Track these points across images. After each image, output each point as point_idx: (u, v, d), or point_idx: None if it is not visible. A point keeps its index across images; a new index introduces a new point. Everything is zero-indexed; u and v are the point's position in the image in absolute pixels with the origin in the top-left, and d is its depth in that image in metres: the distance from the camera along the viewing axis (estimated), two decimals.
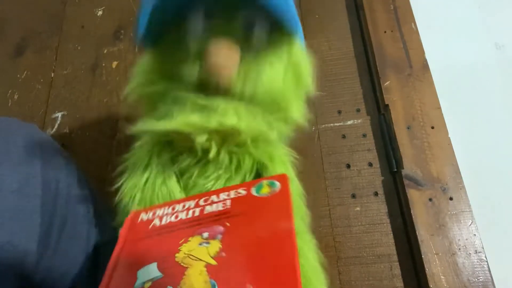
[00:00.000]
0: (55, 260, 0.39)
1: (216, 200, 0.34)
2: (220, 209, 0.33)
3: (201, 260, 0.28)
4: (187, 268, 0.27)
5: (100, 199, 0.48)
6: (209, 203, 0.34)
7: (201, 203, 0.35)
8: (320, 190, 0.63)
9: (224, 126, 0.35)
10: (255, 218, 0.31)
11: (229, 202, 0.34)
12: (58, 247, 0.39)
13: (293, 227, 0.29)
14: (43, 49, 0.81)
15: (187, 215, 0.33)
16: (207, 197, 0.35)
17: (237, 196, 0.34)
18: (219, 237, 0.30)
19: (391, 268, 0.57)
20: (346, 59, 0.73)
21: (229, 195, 0.34)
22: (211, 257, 0.28)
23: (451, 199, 0.57)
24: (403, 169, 0.59)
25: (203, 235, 0.30)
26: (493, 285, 0.52)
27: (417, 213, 0.56)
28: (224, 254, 0.28)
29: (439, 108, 0.63)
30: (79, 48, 0.81)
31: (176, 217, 0.34)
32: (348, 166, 0.64)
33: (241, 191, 0.35)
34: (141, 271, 0.29)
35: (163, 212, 0.35)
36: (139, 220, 0.35)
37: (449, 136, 0.61)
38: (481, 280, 0.52)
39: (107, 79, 0.76)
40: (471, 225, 0.56)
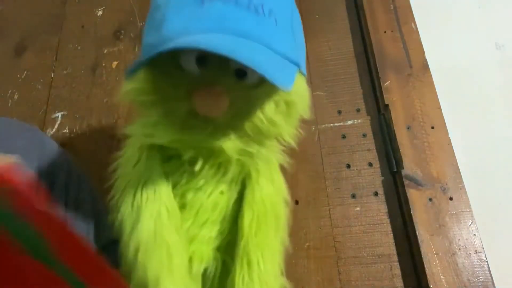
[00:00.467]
0: None
1: None
2: None
3: None
4: None
5: (100, 198, 0.48)
6: None
7: None
8: (320, 190, 0.63)
9: (211, 146, 0.37)
10: None
11: None
12: None
13: None
14: (43, 49, 0.81)
15: None
16: None
17: None
18: None
19: (391, 268, 0.57)
20: (346, 59, 0.73)
21: None
22: None
23: (451, 199, 0.57)
24: (403, 169, 0.59)
25: None
26: (493, 285, 0.52)
27: (417, 213, 0.56)
28: None
29: (439, 108, 0.63)
30: (79, 48, 0.81)
31: None
32: (348, 166, 0.64)
33: None
34: None
35: None
36: None
37: (449, 136, 0.61)
38: (481, 280, 0.52)
39: (107, 79, 0.76)
40: (471, 225, 0.56)
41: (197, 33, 0.31)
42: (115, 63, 0.78)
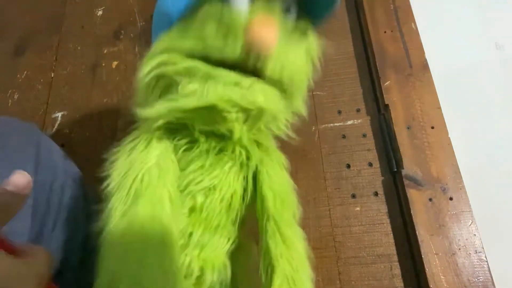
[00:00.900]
0: None
1: None
2: None
3: None
4: None
5: (98, 198, 0.48)
6: None
7: None
8: (320, 190, 0.63)
9: (255, 104, 0.35)
10: None
11: None
12: (49, 246, 0.40)
13: None
14: (43, 49, 0.81)
15: None
16: None
17: None
18: None
19: (391, 268, 0.57)
20: (346, 59, 0.73)
21: None
22: None
23: (451, 199, 0.57)
24: (403, 169, 0.59)
25: None
26: (493, 285, 0.52)
27: (417, 213, 0.56)
28: None
29: (439, 108, 0.63)
30: (79, 48, 0.81)
31: None
32: (348, 166, 0.64)
33: None
34: None
35: None
36: None
37: (449, 136, 0.61)
38: (481, 280, 0.52)
39: (107, 79, 0.76)
40: (471, 225, 0.56)
41: None
42: (115, 63, 0.78)
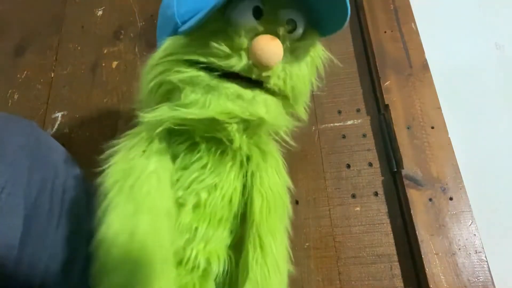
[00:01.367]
0: (40, 254, 0.39)
1: None
2: None
3: None
4: None
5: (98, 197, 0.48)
6: None
7: None
8: (320, 190, 0.63)
9: (255, 116, 0.37)
10: None
11: None
12: (55, 244, 0.40)
13: None
14: (43, 49, 0.81)
15: None
16: None
17: None
18: None
19: (391, 268, 0.57)
20: (346, 59, 0.73)
21: None
22: None
23: (451, 199, 0.57)
24: (403, 169, 0.59)
25: None
26: (493, 285, 0.52)
27: (417, 213, 0.56)
28: None
29: (439, 108, 0.63)
30: (79, 48, 0.81)
31: None
32: (348, 166, 0.64)
33: None
34: None
35: None
36: None
37: (449, 136, 0.61)
38: (481, 280, 0.52)
39: (107, 79, 0.76)
40: (471, 225, 0.56)
41: None
42: (115, 63, 0.78)
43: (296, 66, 0.39)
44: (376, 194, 0.62)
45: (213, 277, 0.41)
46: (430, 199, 0.57)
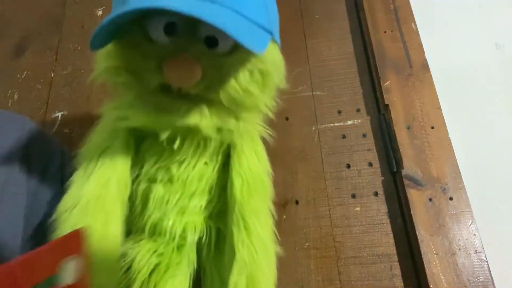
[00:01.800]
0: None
1: None
2: None
3: None
4: None
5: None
6: None
7: None
8: (320, 190, 0.63)
9: (187, 125, 0.37)
10: None
11: None
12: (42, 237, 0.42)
13: None
14: (43, 49, 0.81)
15: None
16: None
17: None
18: None
19: (391, 268, 0.57)
20: (346, 59, 0.73)
21: None
22: None
23: (451, 199, 0.57)
24: (403, 169, 0.59)
25: None
26: (493, 285, 0.52)
27: (417, 213, 0.56)
28: None
29: (439, 108, 0.63)
30: (79, 48, 0.81)
31: None
32: (348, 166, 0.64)
33: None
34: None
35: None
36: None
37: (449, 136, 0.61)
38: (481, 280, 0.52)
39: None
40: (471, 225, 0.56)
41: None
42: None
43: (229, 78, 0.36)
44: (376, 194, 0.62)
45: (191, 247, 0.43)
46: (430, 199, 0.57)
